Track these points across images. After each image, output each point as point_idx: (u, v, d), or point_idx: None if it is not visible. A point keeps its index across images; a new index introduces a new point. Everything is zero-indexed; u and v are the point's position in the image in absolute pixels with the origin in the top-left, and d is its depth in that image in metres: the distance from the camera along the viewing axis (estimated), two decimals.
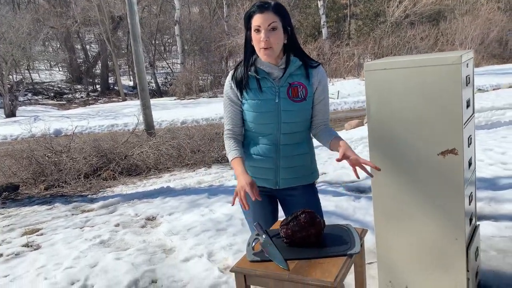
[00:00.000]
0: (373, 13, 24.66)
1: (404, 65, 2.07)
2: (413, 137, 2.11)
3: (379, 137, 2.19)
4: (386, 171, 2.20)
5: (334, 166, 5.08)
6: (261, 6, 1.74)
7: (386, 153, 2.19)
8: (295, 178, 1.92)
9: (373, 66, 2.15)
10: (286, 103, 1.82)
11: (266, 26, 1.72)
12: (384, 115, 2.15)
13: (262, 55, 1.78)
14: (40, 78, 32.59)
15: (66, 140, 7.80)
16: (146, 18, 31.68)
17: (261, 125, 1.85)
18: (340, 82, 20.14)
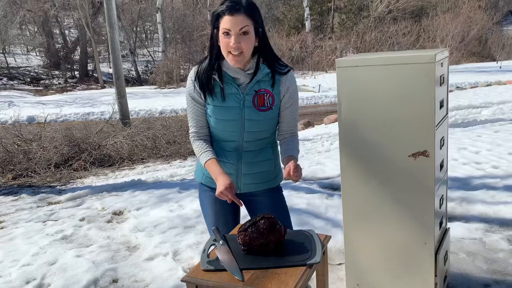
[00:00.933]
0: (356, 8, 24.69)
1: (377, 62, 1.99)
2: (384, 138, 2.04)
3: (350, 136, 2.11)
4: (356, 171, 2.13)
5: (309, 161, 5.02)
6: (231, 7, 1.56)
7: (357, 153, 2.11)
8: (257, 184, 1.83)
9: (344, 63, 2.06)
10: (250, 112, 1.70)
11: (237, 30, 1.57)
12: (355, 114, 2.07)
13: (230, 60, 1.63)
14: (16, 63, 31.66)
15: (37, 128, 7.55)
16: (128, 4, 31.04)
17: (223, 132, 1.74)
18: (322, 75, 20.14)
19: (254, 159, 1.78)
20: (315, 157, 5.22)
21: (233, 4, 1.57)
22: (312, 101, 16.09)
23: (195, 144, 1.78)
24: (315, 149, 5.80)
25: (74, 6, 26.53)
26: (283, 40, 22.93)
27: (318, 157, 5.17)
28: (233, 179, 1.77)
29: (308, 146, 6.17)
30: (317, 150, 5.76)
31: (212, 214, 1.85)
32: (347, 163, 2.15)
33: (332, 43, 22.66)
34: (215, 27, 1.62)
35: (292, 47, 23.21)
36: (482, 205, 3.36)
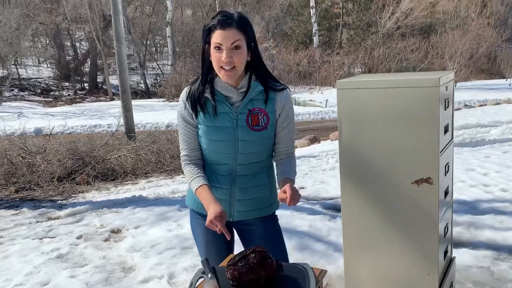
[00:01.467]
0: (365, 24, 24.73)
1: (379, 85, 1.92)
2: (386, 163, 1.96)
3: (350, 160, 2.03)
4: (357, 196, 2.05)
5: (313, 180, 4.93)
6: (223, 21, 1.52)
7: (358, 178, 2.03)
8: (251, 211, 1.74)
9: (345, 84, 1.99)
10: (244, 132, 1.62)
11: (229, 44, 1.52)
12: (356, 137, 2.00)
13: (222, 76, 1.57)
14: (27, 74, 32.05)
15: (43, 140, 7.55)
16: (138, 18, 31.43)
17: (216, 154, 1.66)
18: (329, 90, 20.10)
19: (248, 184, 1.70)
20: (319, 176, 5.13)
21: (224, 18, 1.53)
22: (319, 116, 16.04)
23: (186, 169, 1.70)
24: (319, 167, 5.71)
25: (85, 19, 26.88)
26: (291, 55, 22.98)
27: (322, 176, 5.09)
28: (226, 206, 1.69)
29: (313, 163, 6.08)
30: (321, 167, 5.67)
31: (204, 242, 1.77)
32: (348, 188, 2.07)
33: (340, 58, 22.68)
34: (206, 42, 1.58)
35: (300, 62, 23.26)
36: (491, 230, 3.25)
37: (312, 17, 23.70)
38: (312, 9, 23.72)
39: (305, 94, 19.98)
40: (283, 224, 3.46)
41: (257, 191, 1.73)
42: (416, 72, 2.18)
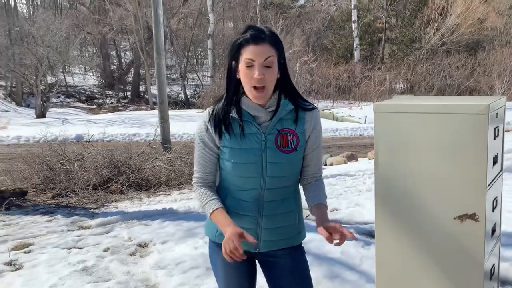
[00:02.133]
0: (408, 39, 24.21)
1: (420, 109, 1.76)
2: (426, 195, 1.79)
3: (387, 190, 1.88)
4: (392, 229, 1.88)
5: (348, 201, 4.73)
6: (256, 36, 1.43)
7: (394, 209, 1.87)
8: (279, 240, 1.61)
9: (384, 108, 1.85)
10: (273, 153, 1.51)
11: (262, 61, 1.42)
12: (394, 165, 1.84)
13: (253, 95, 1.47)
14: (73, 82, 33.44)
15: (81, 148, 7.72)
16: (181, 30, 32.18)
17: (242, 178, 1.54)
18: (369, 106, 19.70)
19: (276, 211, 1.58)
20: (355, 197, 4.93)
21: (257, 32, 1.44)
22: (357, 133, 15.72)
23: (199, 191, 1.59)
24: (355, 187, 5.51)
25: (130, 30, 27.79)
26: (331, 69, 22.77)
27: (357, 197, 4.88)
28: (252, 236, 1.55)
29: (349, 183, 5.88)
30: (357, 188, 5.46)
31: (224, 276, 1.65)
32: (383, 219, 1.91)
33: (381, 74, 22.25)
34: (234, 58, 1.47)
35: (339, 76, 23.00)
36: None
37: (354, 31, 23.43)
38: (354, 23, 23.47)
39: (344, 109, 19.68)
40: (313, 249, 3.32)
41: (285, 218, 1.61)
42: (463, 96, 1.99)
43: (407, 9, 25.71)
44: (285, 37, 22.82)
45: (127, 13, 25.69)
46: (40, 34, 22.45)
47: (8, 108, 24.67)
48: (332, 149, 12.47)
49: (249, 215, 1.57)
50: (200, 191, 1.59)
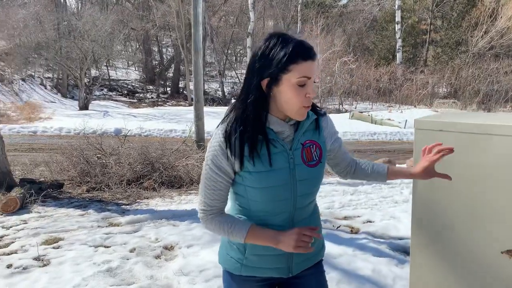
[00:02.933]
0: (454, 42, 23.29)
1: (468, 129, 1.59)
2: (470, 225, 1.61)
3: (425, 216, 1.71)
4: (430, 263, 1.72)
5: (382, 213, 4.52)
6: (311, 50, 1.27)
7: (432, 240, 1.71)
8: (308, 259, 1.51)
9: (426, 125, 1.68)
10: (302, 170, 1.37)
11: (314, 78, 1.30)
12: (434, 190, 1.67)
13: (301, 114, 1.32)
14: (116, 76, 34.37)
15: (118, 142, 7.84)
16: (222, 27, 32.40)
17: (271, 203, 1.37)
18: (409, 110, 19.10)
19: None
20: (390, 208, 4.70)
21: (310, 47, 1.28)
22: (396, 137, 15.26)
23: (217, 220, 1.38)
24: (391, 198, 5.27)
25: (172, 27, 28.21)
26: (371, 70, 22.25)
27: (393, 209, 4.65)
28: (283, 261, 1.44)
29: (385, 192, 5.64)
30: (394, 199, 5.22)
31: None
32: (419, 250, 1.74)
33: (424, 77, 21.54)
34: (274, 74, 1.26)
35: (380, 78, 22.44)
36: None
37: (397, 32, 22.77)
38: (397, 25, 22.81)
39: (383, 112, 19.17)
40: (343, 264, 3.16)
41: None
42: None
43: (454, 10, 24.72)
44: (325, 37, 22.47)
45: (169, 9, 26.10)
46: (86, 29, 23.17)
47: (54, 99, 25.63)
48: (369, 153, 12.13)
49: None
50: (217, 220, 1.38)
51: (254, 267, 1.43)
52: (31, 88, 25.69)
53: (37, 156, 8.74)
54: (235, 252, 1.45)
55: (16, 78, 24.79)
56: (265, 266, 1.44)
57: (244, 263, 1.44)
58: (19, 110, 17.84)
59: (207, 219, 1.39)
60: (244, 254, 1.43)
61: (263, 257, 1.43)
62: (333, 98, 22.98)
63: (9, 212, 4.97)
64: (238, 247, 1.45)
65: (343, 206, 4.86)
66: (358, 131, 15.52)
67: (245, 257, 1.43)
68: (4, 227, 4.45)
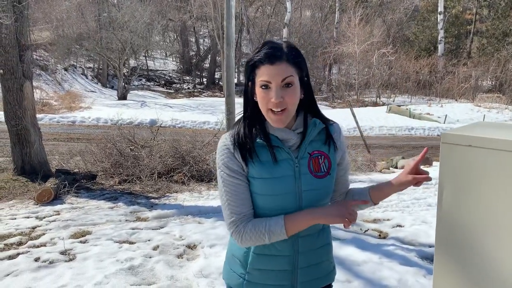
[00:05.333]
0: (501, 32, 22.15)
1: (500, 146, 1.44)
2: (497, 247, 1.48)
3: (450, 234, 1.59)
4: (454, 280, 1.59)
5: (413, 217, 4.33)
6: (271, 55, 1.24)
7: (457, 260, 1.58)
8: (315, 280, 1.42)
9: (453, 139, 1.54)
10: (308, 180, 1.31)
11: (279, 81, 1.23)
12: (461, 209, 1.54)
13: (271, 120, 1.28)
14: (154, 66, 34.96)
15: (151, 134, 7.95)
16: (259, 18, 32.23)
17: (273, 212, 1.32)
18: (450, 104, 18.39)
19: (313, 246, 1.39)
20: (422, 212, 4.50)
21: (271, 50, 1.24)
22: (435, 133, 14.75)
23: (250, 225, 1.30)
24: (425, 200, 5.05)
25: (209, 17, 28.32)
26: (411, 62, 21.54)
27: (425, 213, 4.45)
28: (287, 278, 1.37)
29: (418, 194, 5.43)
30: (427, 201, 5.00)
31: None
32: (443, 270, 1.62)
33: (467, 69, 20.65)
34: (250, 79, 1.30)
35: (420, 71, 21.72)
36: None
37: (439, 23, 21.89)
38: (440, 15, 21.92)
39: (422, 106, 18.56)
40: (367, 272, 3.04)
41: (322, 253, 1.42)
42: None
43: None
44: (364, 27, 21.90)
45: (206, 0, 26.16)
46: (125, 20, 23.62)
47: (94, 89, 26.40)
48: (406, 149, 11.77)
49: (283, 255, 1.37)
50: (251, 224, 1.30)
51: (257, 283, 1.37)
52: (73, 77, 26.56)
53: (74, 146, 9.02)
54: (238, 266, 1.40)
55: (59, 68, 25.68)
56: (268, 283, 1.38)
57: (246, 278, 1.38)
58: (61, 99, 18.47)
59: (240, 228, 1.30)
60: (246, 268, 1.37)
61: (265, 272, 1.37)
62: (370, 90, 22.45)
63: (44, 202, 5.13)
64: (240, 260, 1.39)
65: (373, 208, 4.71)
66: (395, 125, 15.10)
67: (247, 271, 1.37)
68: (38, 217, 4.59)
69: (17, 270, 3.10)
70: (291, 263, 1.37)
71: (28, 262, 3.23)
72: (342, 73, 25.67)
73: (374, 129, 14.63)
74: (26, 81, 6.29)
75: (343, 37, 22.90)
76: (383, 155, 10.10)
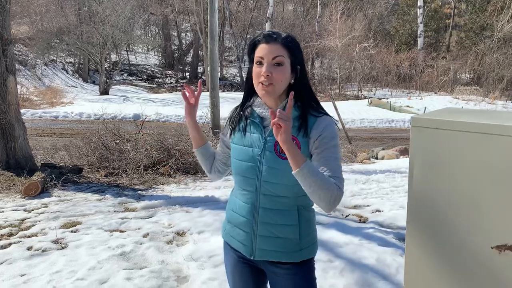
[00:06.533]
0: (478, 26, 22.66)
1: (464, 128, 1.62)
2: (462, 219, 1.65)
3: (420, 210, 1.76)
4: (423, 255, 1.76)
5: (392, 203, 4.55)
6: (268, 35, 1.46)
7: (426, 233, 1.75)
8: (275, 252, 1.52)
9: (422, 122, 1.71)
10: (270, 157, 1.47)
11: (270, 59, 1.43)
12: (429, 186, 1.71)
13: (259, 91, 1.46)
14: (136, 61, 34.67)
15: (135, 128, 7.99)
16: (241, 12, 32.21)
17: (240, 178, 1.55)
18: (430, 97, 18.80)
19: (272, 220, 1.50)
20: (401, 198, 4.72)
21: (270, 33, 1.47)
22: None
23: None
24: (403, 187, 5.28)
25: (191, 11, 28.20)
26: (391, 56, 21.88)
27: (403, 200, 4.67)
28: (248, 240, 1.54)
29: (397, 181, 5.65)
30: (405, 189, 5.23)
31: (232, 280, 1.67)
32: (414, 241, 1.80)
33: (446, 63, 21.10)
34: (251, 59, 1.51)
35: (400, 64, 22.08)
36: None
37: (419, 17, 22.29)
38: (419, 9, 22.31)
39: (402, 99, 18.92)
40: (348, 253, 3.23)
41: (284, 230, 1.51)
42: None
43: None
44: (345, 21, 22.15)
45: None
46: (106, 14, 23.37)
47: (75, 84, 26.09)
48: (386, 141, 12.07)
49: (245, 218, 1.54)
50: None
51: (228, 235, 1.62)
52: (53, 72, 26.19)
53: (58, 141, 9.01)
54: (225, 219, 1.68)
55: (39, 63, 25.30)
56: (235, 238, 1.59)
57: (226, 229, 1.65)
58: (41, 94, 18.25)
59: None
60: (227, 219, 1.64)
61: (232, 226, 1.61)
62: (352, 84, 22.75)
63: (31, 195, 5.17)
64: (227, 212, 1.67)
65: (354, 195, 4.90)
66: (375, 118, 15.40)
67: (227, 221, 1.64)
68: (26, 210, 4.64)
69: (10, 258, 3.18)
70: (251, 227, 1.53)
71: (21, 251, 3.31)
72: (324, 67, 25.95)
73: (355, 121, 14.90)
74: (9, 75, 6.29)
75: (325, 31, 23.11)
76: (364, 146, 10.35)
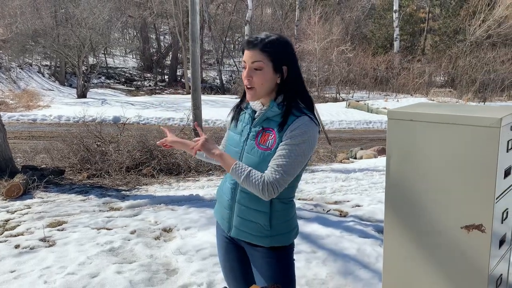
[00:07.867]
0: (452, 30, 23.36)
1: (434, 119, 1.78)
2: (435, 203, 1.82)
3: (397, 196, 1.92)
4: (401, 236, 1.92)
5: (371, 198, 4.74)
6: (248, 42, 1.60)
7: (403, 215, 1.91)
8: (246, 233, 1.66)
9: (398, 115, 1.87)
10: (250, 146, 1.64)
11: (250, 64, 1.59)
12: (405, 173, 1.87)
13: (246, 93, 1.65)
14: (114, 64, 34.32)
15: (117, 130, 8.00)
16: (220, 15, 32.30)
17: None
18: (406, 99, 19.27)
19: (246, 204, 1.64)
20: (379, 194, 4.92)
21: (251, 39, 1.59)
22: None
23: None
24: (381, 184, 5.48)
25: (170, 14, 28.14)
26: (369, 59, 22.33)
27: (382, 194, 4.87)
28: (226, 218, 1.71)
29: (376, 179, 5.85)
30: (383, 185, 5.42)
31: (221, 261, 1.83)
32: (391, 225, 1.95)
33: (421, 66, 21.66)
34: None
35: (377, 67, 22.54)
36: None
37: (395, 21, 22.82)
38: (395, 13, 22.84)
39: (379, 101, 19.33)
40: (330, 244, 3.38)
41: (255, 215, 1.63)
42: (483, 106, 1.99)
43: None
44: (323, 25, 22.51)
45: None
46: (83, 16, 23.11)
47: (52, 87, 25.65)
48: (364, 141, 12.35)
49: (227, 199, 1.70)
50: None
51: (217, 212, 1.79)
52: (29, 76, 25.70)
53: (37, 144, 8.93)
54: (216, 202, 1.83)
55: (14, 65, 24.80)
56: (218, 213, 1.77)
57: (216, 208, 1.81)
58: (17, 98, 17.92)
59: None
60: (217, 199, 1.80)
61: (218, 203, 1.78)
62: (331, 86, 23.09)
63: (12, 197, 5.15)
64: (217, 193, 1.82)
65: (334, 192, 5.08)
66: (354, 119, 15.71)
67: (217, 201, 1.79)
68: (9, 211, 4.64)
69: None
70: (229, 207, 1.69)
71: (9, 249, 3.35)
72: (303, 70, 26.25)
73: (334, 123, 15.17)
74: None
75: (304, 35, 23.42)
76: (343, 147, 10.58)
